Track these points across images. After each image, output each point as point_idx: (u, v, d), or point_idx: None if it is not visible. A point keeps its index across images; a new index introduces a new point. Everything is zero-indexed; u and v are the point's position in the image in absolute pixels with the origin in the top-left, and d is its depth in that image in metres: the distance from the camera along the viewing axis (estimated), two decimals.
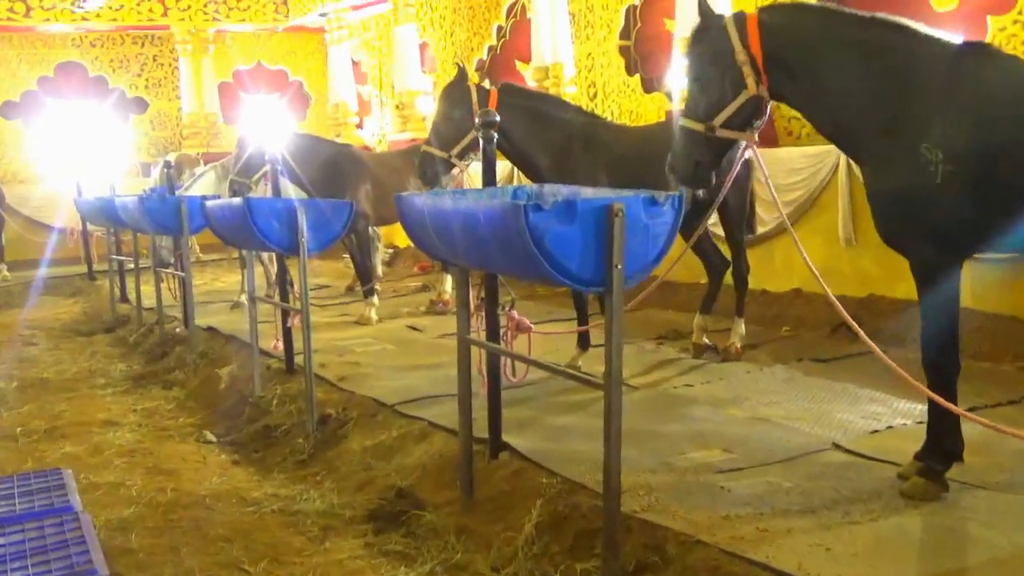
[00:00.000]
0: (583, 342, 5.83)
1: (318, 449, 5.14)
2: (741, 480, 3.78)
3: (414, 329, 7.70)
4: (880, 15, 3.62)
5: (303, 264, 5.37)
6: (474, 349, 4.17)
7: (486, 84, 6.23)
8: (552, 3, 10.26)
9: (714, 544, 3.17)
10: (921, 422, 4.37)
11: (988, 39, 6.86)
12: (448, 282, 8.53)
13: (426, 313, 8.41)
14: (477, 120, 4.43)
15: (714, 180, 4.04)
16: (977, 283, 5.67)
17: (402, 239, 9.88)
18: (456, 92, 6.09)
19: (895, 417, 4.55)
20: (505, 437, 4.30)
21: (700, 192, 4.48)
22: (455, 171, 6.45)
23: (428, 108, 12.86)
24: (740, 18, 3.79)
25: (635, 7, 10.26)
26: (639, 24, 10.36)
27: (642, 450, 4.15)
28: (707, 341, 6.06)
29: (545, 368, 4.04)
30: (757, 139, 3.97)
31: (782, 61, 3.70)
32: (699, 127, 3.84)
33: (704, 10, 3.92)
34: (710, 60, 3.82)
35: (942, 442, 3.55)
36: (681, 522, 3.36)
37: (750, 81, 3.73)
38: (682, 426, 4.58)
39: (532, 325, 5.23)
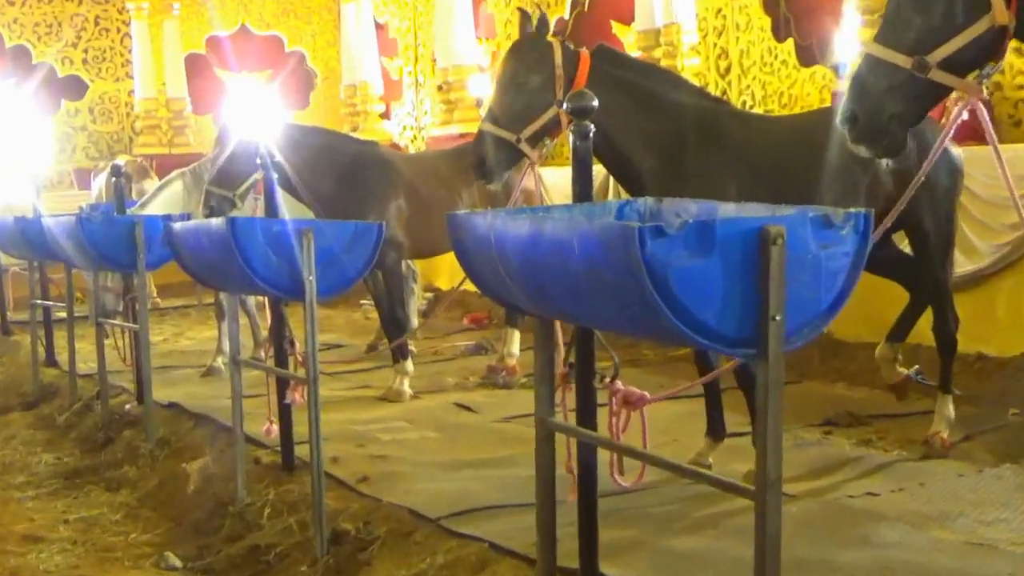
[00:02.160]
0: (715, 429, 5.81)
1: None
2: None
3: (465, 408, 7.72)
4: None
5: (311, 313, 5.44)
6: (559, 438, 4.18)
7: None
8: None
9: None
10: None
11: None
12: (515, 341, 8.57)
13: (482, 385, 8.45)
14: (566, 101, 4.40)
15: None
16: None
17: (446, 278, 9.92)
18: (532, 50, 6.09)
19: None
20: (603, 568, 4.28)
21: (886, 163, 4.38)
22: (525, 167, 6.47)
23: (484, 90, 12.99)
24: None
25: None
26: None
27: None
28: (902, 370, 6.07)
29: (663, 466, 4.02)
30: (986, 93, 3.84)
31: None
32: (904, 61, 3.72)
33: None
34: None
35: None
36: None
37: (999, 4, 3.61)
38: (863, 554, 4.54)
39: (647, 394, 5.22)
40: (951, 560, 4.42)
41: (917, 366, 5.98)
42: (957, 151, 6.24)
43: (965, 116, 3.79)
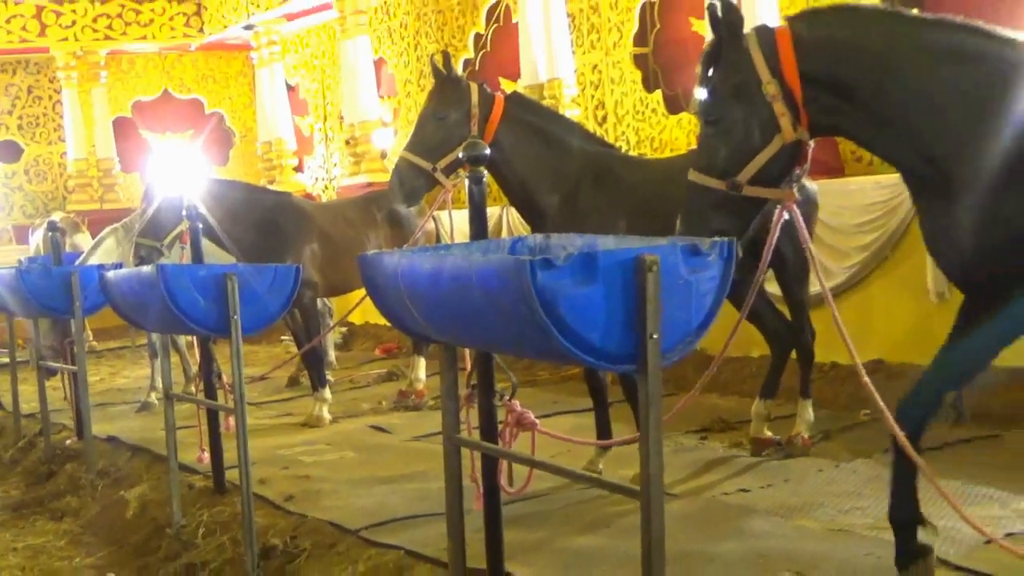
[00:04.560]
0: (603, 439, 5.85)
1: None
2: None
3: (380, 430, 7.71)
4: (948, 17, 3.74)
5: (237, 349, 5.39)
6: (465, 452, 4.19)
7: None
8: (545, 3, 10.41)
9: None
10: None
11: None
12: (422, 368, 8.58)
13: (394, 409, 8.44)
14: (462, 150, 4.41)
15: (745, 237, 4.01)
16: None
17: (359, 314, 9.91)
18: (451, 90, 6.17)
19: (1017, 521, 4.58)
20: (509, 566, 4.29)
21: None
22: (430, 222, 6.51)
23: (387, 143, 13.01)
24: (767, 34, 3.73)
25: (652, 5, 10.45)
26: (658, 26, 10.55)
27: None
28: (768, 433, 6.09)
29: (561, 473, 4.05)
30: (797, 195, 3.91)
31: (837, 84, 3.66)
32: (718, 184, 3.77)
33: (722, 19, 3.78)
34: (729, 94, 3.75)
35: None
36: None
37: (784, 122, 3.68)
38: (739, 544, 4.59)
39: (537, 420, 5.27)
40: (816, 545, 4.49)
41: (779, 438, 6.08)
42: (813, 186, 6.38)
43: (786, 216, 3.87)
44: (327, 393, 8.21)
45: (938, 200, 3.67)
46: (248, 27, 14.97)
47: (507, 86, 11.86)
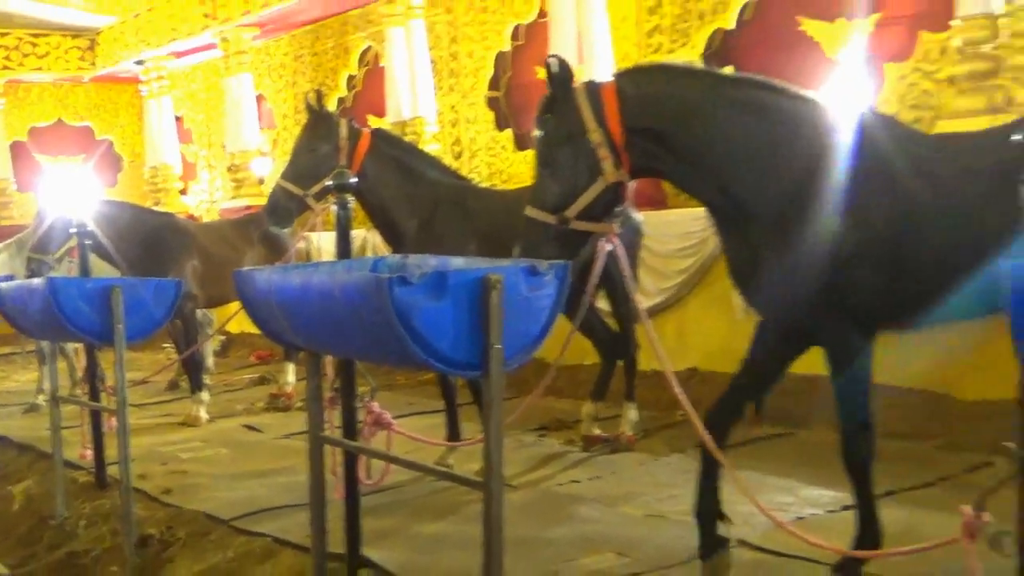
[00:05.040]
0: (452, 437, 5.88)
1: None
2: None
3: (252, 429, 7.59)
4: (748, 75, 3.88)
5: (120, 356, 5.26)
6: (327, 450, 4.16)
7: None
8: (410, 49, 10.45)
9: None
10: (833, 511, 4.60)
11: (886, 88, 7.40)
12: (291, 373, 8.49)
13: (266, 410, 8.32)
14: (331, 179, 4.42)
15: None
16: (891, 357, 5.99)
17: (236, 324, 9.75)
18: (323, 125, 6.17)
19: (804, 507, 4.75)
20: (366, 551, 4.27)
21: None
22: (301, 240, 6.47)
23: (265, 170, 12.84)
24: (594, 89, 3.78)
25: (505, 54, 10.55)
26: (510, 73, 10.65)
27: (525, 559, 4.18)
28: (597, 432, 6.20)
29: (412, 467, 4.06)
30: (618, 229, 3.98)
31: (653, 132, 3.73)
32: (549, 218, 3.79)
33: (555, 76, 3.82)
34: (560, 140, 3.78)
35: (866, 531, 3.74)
36: None
37: (607, 166, 3.72)
38: (569, 529, 4.66)
39: (393, 420, 5.27)
40: (636, 530, 4.59)
41: (607, 435, 6.19)
42: (639, 216, 6.53)
43: (610, 247, 3.91)
44: (205, 395, 8.06)
45: (737, 233, 3.80)
46: (139, 62, 14.64)
47: (375, 122, 11.81)
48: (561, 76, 3.81)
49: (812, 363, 3.86)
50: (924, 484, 4.96)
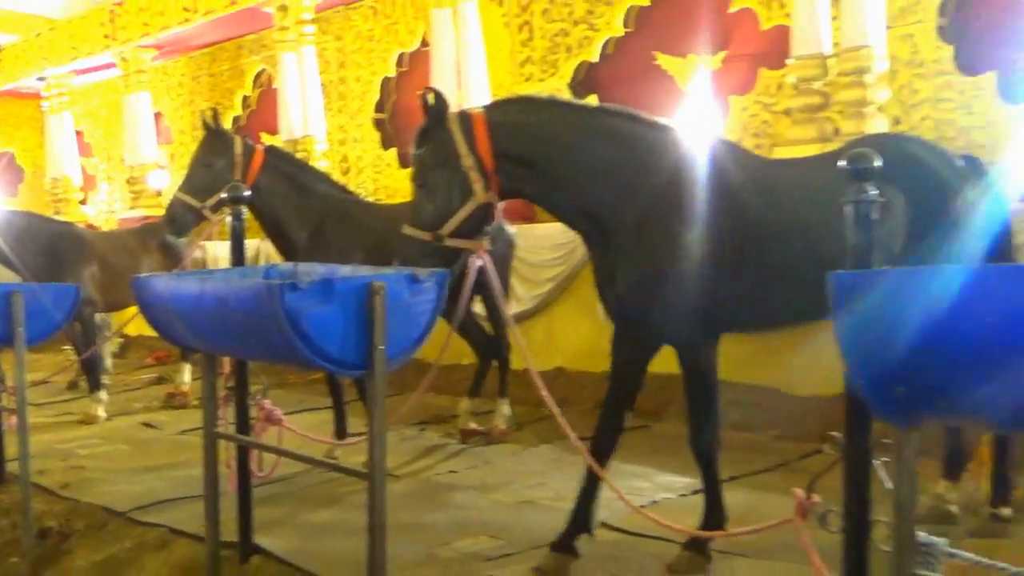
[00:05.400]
0: (340, 431, 5.83)
1: (37, 569, 4.79)
2: (509, 567, 3.89)
3: (150, 426, 7.37)
4: (606, 105, 3.96)
5: (20, 357, 5.04)
6: (221, 444, 4.07)
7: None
8: (301, 73, 10.31)
9: None
10: (684, 495, 4.70)
11: (731, 117, 7.61)
12: (187, 372, 8.28)
13: (163, 408, 8.08)
14: (225, 192, 4.38)
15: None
16: (733, 357, 6.15)
17: (134, 327, 9.46)
18: (218, 141, 6.07)
19: (658, 492, 4.84)
20: (257, 539, 4.19)
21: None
22: (196, 250, 6.33)
23: (162, 183, 12.50)
24: (466, 118, 3.80)
25: (391, 79, 10.51)
26: (395, 97, 10.61)
27: (406, 543, 4.16)
28: (473, 425, 6.22)
29: (302, 460, 4.00)
30: (488, 246, 3.97)
31: (520, 157, 3.76)
32: (425, 236, 3.79)
33: (431, 108, 3.84)
34: (435, 164, 3.79)
35: (712, 513, 3.83)
36: None
37: (478, 188, 3.74)
38: (447, 515, 4.66)
39: (283, 416, 5.19)
40: (507, 514, 4.61)
41: (482, 429, 6.21)
42: (512, 230, 6.58)
43: (480, 263, 3.92)
44: (103, 394, 7.79)
45: (599, 247, 3.87)
46: (40, 79, 14.08)
47: (268, 140, 11.61)
48: (436, 107, 3.84)
49: (666, 363, 3.94)
50: (763, 470, 5.11)
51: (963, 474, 4.27)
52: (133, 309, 6.54)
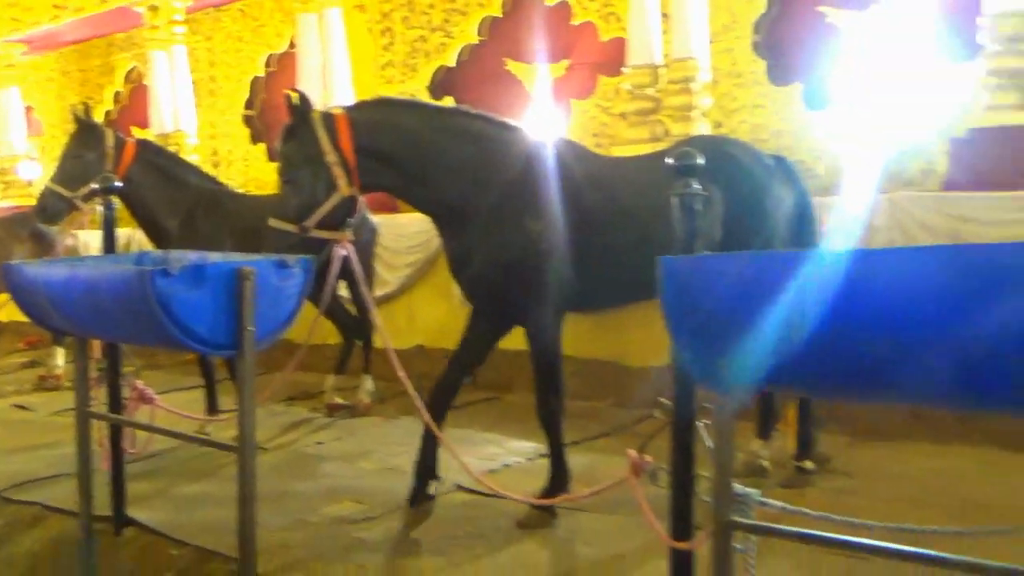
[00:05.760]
0: (212, 409, 5.66)
1: None
2: (373, 529, 3.85)
3: (22, 408, 6.96)
4: (461, 106, 3.99)
5: None
6: (94, 424, 3.89)
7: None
8: (172, 71, 9.92)
9: None
10: (532, 459, 4.76)
11: (573, 120, 7.72)
12: (60, 356, 7.85)
13: (35, 390, 7.65)
14: (98, 182, 4.19)
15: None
16: (575, 333, 6.26)
17: (5, 314, 8.92)
18: (89, 134, 5.79)
19: (510, 456, 4.89)
20: (131, 512, 4.03)
21: None
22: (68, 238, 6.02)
23: (33, 174, 11.82)
24: (329, 117, 3.75)
25: (260, 78, 10.23)
26: (263, 95, 10.33)
27: (275, 511, 4.06)
28: (339, 400, 6.14)
29: (174, 436, 3.87)
30: (351, 236, 3.94)
31: (381, 155, 3.73)
32: (291, 227, 3.73)
33: (296, 107, 3.77)
34: (300, 161, 3.73)
35: (557, 475, 3.89)
36: (317, 575, 3.36)
37: (341, 183, 3.70)
38: (315, 483, 4.58)
39: (155, 395, 5.01)
40: (371, 481, 4.56)
41: (347, 403, 6.14)
42: (375, 220, 6.51)
43: (342, 253, 3.86)
44: None
45: (454, 235, 3.87)
46: None
47: (140, 133, 11.13)
48: (301, 107, 3.78)
49: (515, 340, 3.98)
50: (602, 435, 5.21)
51: (774, 434, 4.47)
52: (4, 296, 6.19)
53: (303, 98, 3.78)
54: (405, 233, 7.60)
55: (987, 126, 5.41)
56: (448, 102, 7.78)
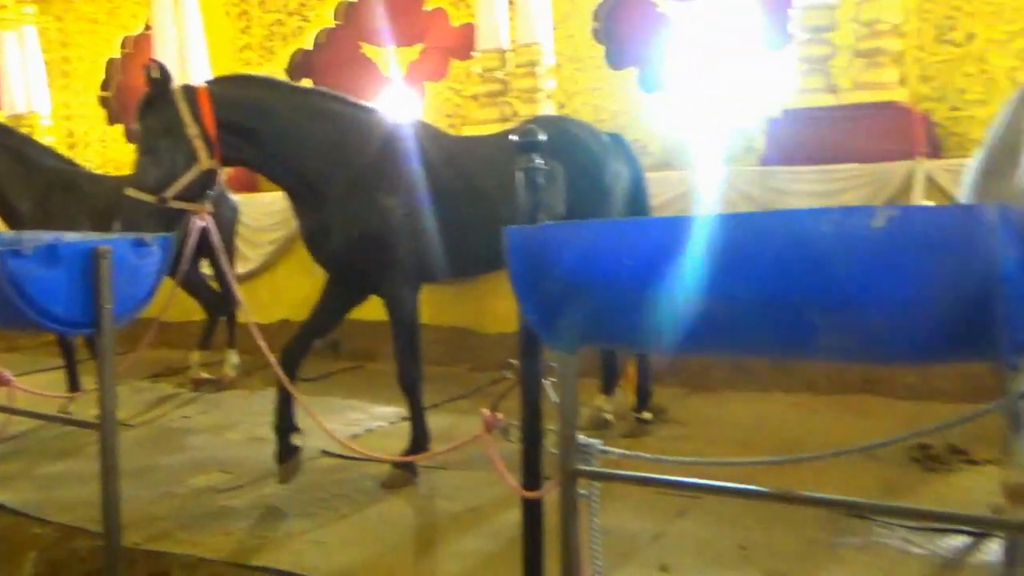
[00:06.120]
0: (73, 388, 5.36)
1: None
2: (241, 497, 3.75)
3: None
4: (319, 87, 3.89)
5: None
6: None
7: None
8: (23, 51, 9.26)
9: (218, 559, 3.10)
10: (394, 423, 4.73)
11: (427, 101, 7.65)
12: None
13: None
14: None
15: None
16: (433, 303, 6.24)
17: None
18: None
19: (373, 421, 4.84)
20: None
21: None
22: None
23: None
24: (190, 90, 3.60)
25: (116, 60, 9.67)
26: (120, 76, 9.77)
27: (142, 484, 3.90)
28: (204, 375, 5.92)
29: (34, 416, 3.64)
30: (210, 208, 3.75)
31: (241, 129, 3.60)
32: (149, 198, 3.54)
33: (155, 79, 3.60)
34: (161, 132, 3.56)
35: (417, 436, 3.87)
36: (185, 545, 3.24)
37: (202, 155, 3.55)
38: (182, 456, 4.42)
39: (12, 377, 4.69)
40: (238, 451, 4.44)
41: (214, 378, 5.94)
42: (235, 198, 6.28)
43: (200, 224, 3.66)
44: None
45: (311, 210, 3.78)
46: None
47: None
48: (160, 79, 3.58)
49: (378, 311, 3.93)
50: (459, 397, 5.23)
51: (615, 389, 4.59)
52: None
53: (162, 69, 3.59)
54: (266, 211, 7.39)
55: (797, 107, 5.68)
56: (307, 84, 7.57)
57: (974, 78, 5.75)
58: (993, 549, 2.82)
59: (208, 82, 3.75)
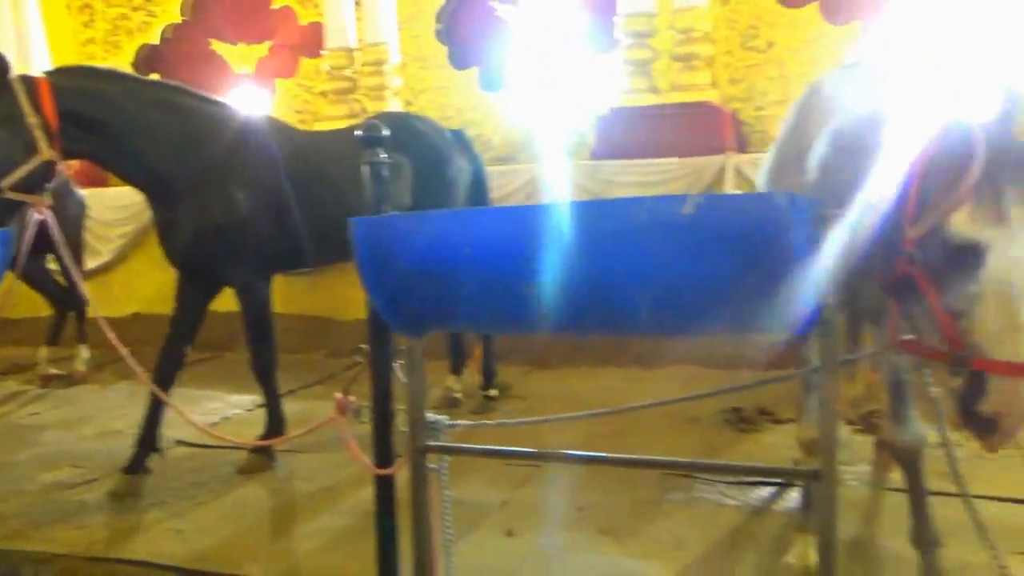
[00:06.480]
0: None
1: None
2: (93, 491, 3.53)
3: None
4: (167, 81, 3.70)
5: None
6: None
7: None
8: None
9: (71, 554, 2.91)
10: (251, 410, 4.58)
11: (278, 97, 7.41)
12: None
13: None
14: None
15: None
16: (287, 293, 6.07)
17: None
18: None
19: (230, 409, 4.67)
20: None
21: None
22: None
23: None
24: (30, 81, 3.33)
25: None
26: None
27: None
28: (54, 371, 5.52)
29: None
30: (50, 200, 3.47)
31: (84, 121, 3.36)
32: None
33: None
34: (0, 122, 3.27)
35: (273, 422, 3.75)
36: (36, 542, 3.02)
37: (42, 146, 3.29)
38: (33, 452, 4.11)
39: None
40: (91, 445, 4.17)
41: (64, 373, 5.54)
42: (82, 192, 5.89)
43: (39, 217, 3.42)
44: None
45: (164, 205, 3.58)
46: None
47: None
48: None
49: (232, 302, 3.78)
50: (315, 383, 5.12)
51: (464, 369, 4.61)
52: None
53: (1, 59, 3.30)
54: (115, 205, 6.96)
55: (623, 106, 5.86)
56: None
57: (775, 81, 6.11)
58: (794, 497, 3.02)
59: (48, 72, 3.48)
